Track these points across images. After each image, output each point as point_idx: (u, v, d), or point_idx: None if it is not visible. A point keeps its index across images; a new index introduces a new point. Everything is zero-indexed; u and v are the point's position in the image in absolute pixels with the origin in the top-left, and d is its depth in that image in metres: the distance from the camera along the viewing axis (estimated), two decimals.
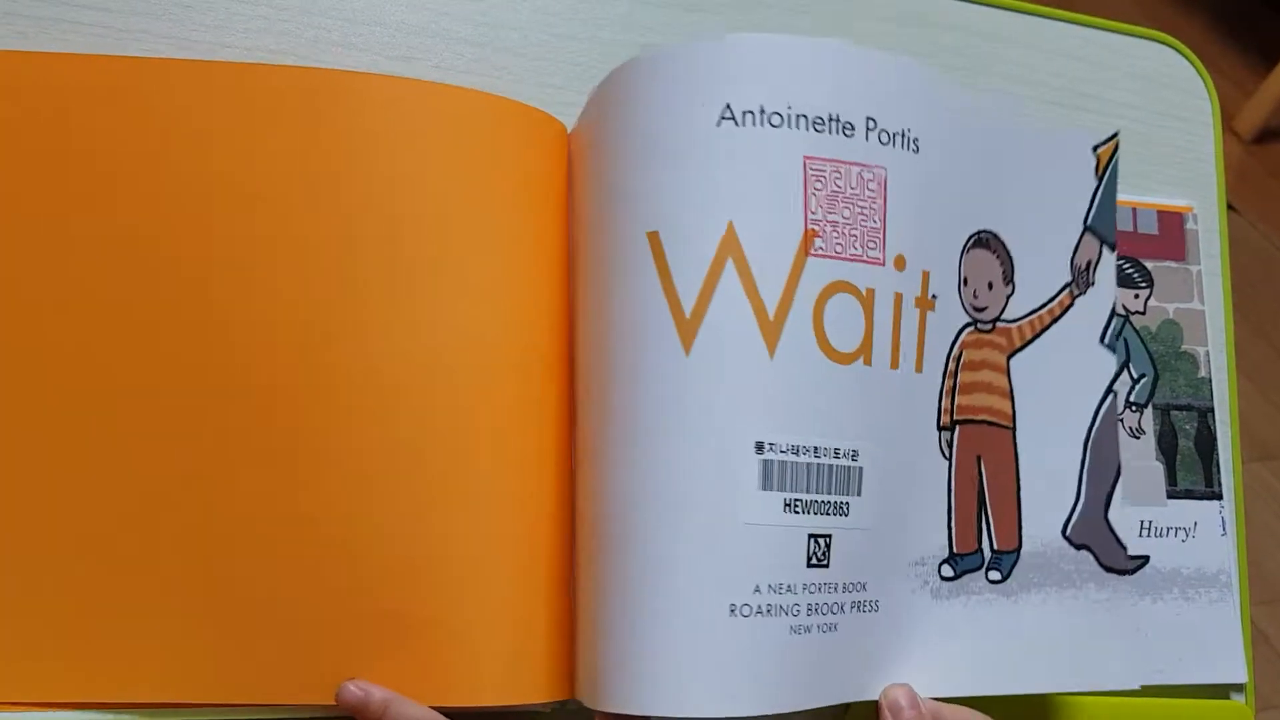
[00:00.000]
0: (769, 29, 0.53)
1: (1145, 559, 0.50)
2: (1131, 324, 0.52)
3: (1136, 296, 0.53)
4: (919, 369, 0.40)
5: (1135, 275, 0.53)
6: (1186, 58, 0.59)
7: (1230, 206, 0.56)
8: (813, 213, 0.38)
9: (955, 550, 0.42)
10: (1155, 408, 0.52)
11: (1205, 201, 0.56)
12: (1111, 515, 0.45)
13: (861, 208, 0.39)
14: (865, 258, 0.38)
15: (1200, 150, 0.58)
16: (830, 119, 0.38)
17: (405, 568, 0.39)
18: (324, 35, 0.46)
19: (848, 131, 0.38)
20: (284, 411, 0.39)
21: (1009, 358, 0.44)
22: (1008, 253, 0.44)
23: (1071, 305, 0.45)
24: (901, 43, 0.54)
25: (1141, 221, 0.54)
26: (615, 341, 0.39)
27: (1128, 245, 0.53)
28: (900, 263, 0.39)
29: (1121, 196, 0.54)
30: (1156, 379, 0.52)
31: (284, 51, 0.45)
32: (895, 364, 0.39)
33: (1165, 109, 0.58)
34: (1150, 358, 0.52)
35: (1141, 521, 0.50)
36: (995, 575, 0.42)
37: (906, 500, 0.41)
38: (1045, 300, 0.45)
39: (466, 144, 0.41)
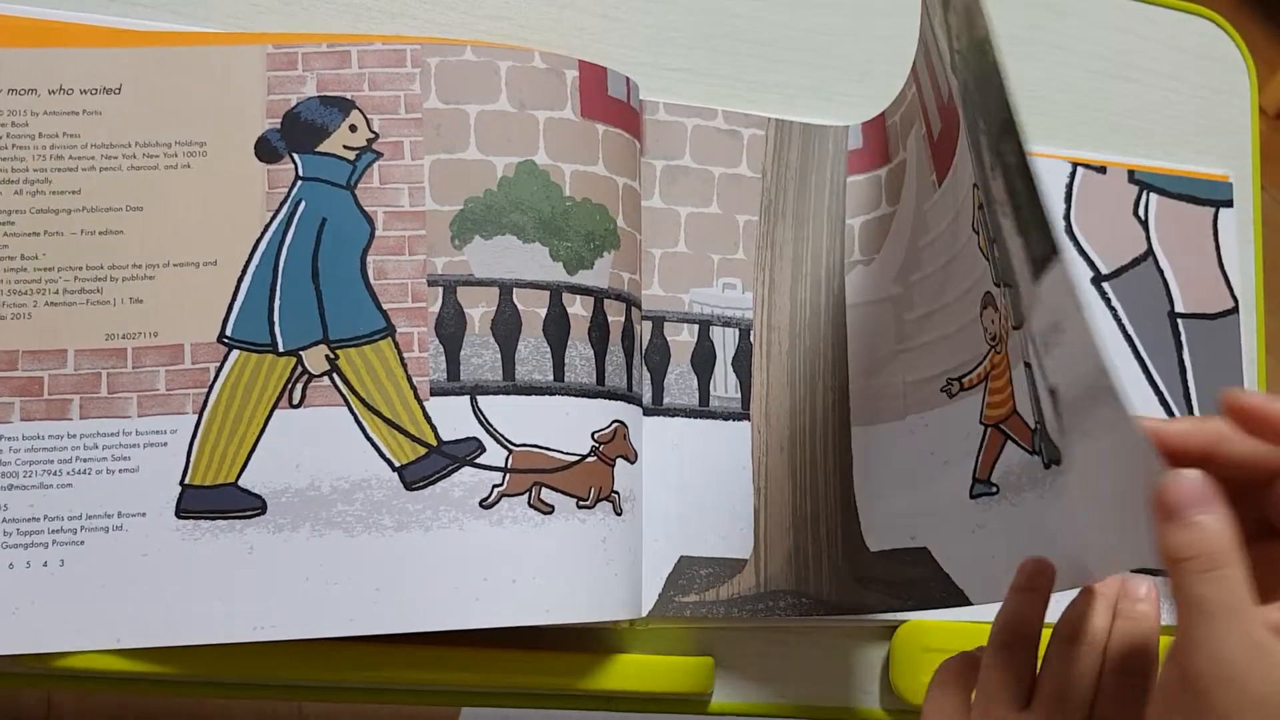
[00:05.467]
0: None
1: None
2: None
3: None
4: None
5: None
6: (1227, 32, 0.61)
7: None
8: None
9: None
10: None
11: (1241, 172, 0.59)
12: None
13: None
14: None
15: (1237, 123, 0.60)
16: None
17: None
18: None
19: None
20: None
21: None
22: None
23: None
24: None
25: None
26: None
27: None
28: None
29: (1160, 164, 0.57)
30: None
31: (376, 10, 0.48)
32: None
33: (1204, 81, 0.60)
34: None
35: None
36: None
37: None
38: None
39: None
